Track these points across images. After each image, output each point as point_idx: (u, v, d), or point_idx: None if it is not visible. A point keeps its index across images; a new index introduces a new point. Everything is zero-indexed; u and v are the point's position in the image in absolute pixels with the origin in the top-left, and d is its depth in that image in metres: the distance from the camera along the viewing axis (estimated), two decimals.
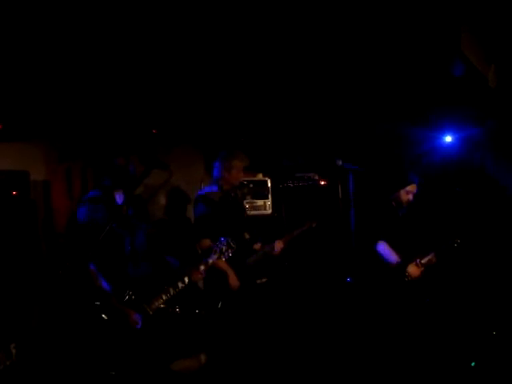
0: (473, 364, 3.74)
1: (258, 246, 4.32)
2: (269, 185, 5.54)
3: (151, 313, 3.07)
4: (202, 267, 3.31)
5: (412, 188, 4.33)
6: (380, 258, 4.24)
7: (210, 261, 3.34)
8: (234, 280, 3.85)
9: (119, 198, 3.34)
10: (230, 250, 3.38)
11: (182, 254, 3.79)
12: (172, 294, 3.15)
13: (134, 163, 3.40)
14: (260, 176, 5.66)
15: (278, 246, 4.33)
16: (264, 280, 4.33)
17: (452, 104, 5.01)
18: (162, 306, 3.19)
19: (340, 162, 3.80)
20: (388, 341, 4.09)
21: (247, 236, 4.14)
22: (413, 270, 4.15)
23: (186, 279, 3.21)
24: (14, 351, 3.55)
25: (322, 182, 5.79)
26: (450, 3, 3.46)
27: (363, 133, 5.78)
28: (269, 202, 5.50)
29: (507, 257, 4.54)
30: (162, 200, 5.31)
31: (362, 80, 4.69)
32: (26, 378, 3.42)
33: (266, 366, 3.98)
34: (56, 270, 4.28)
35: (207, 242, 3.78)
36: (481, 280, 4.60)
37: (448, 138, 5.53)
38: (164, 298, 3.12)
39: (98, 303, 2.99)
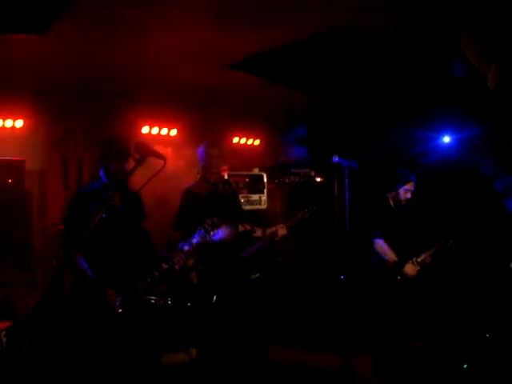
0: (465, 366, 3.73)
1: (259, 231, 4.23)
2: (265, 180, 5.50)
3: (137, 297, 3.02)
4: (186, 248, 3.25)
5: (410, 186, 4.34)
6: (376, 255, 4.24)
7: (194, 241, 3.28)
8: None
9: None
10: (215, 229, 3.32)
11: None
12: (157, 276, 3.08)
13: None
14: (256, 171, 5.62)
15: (281, 230, 4.23)
16: (257, 275, 4.30)
17: (450, 104, 5.00)
18: (151, 297, 3.16)
19: (336, 159, 3.77)
20: (382, 340, 4.10)
21: (242, 228, 4.09)
22: (410, 269, 4.14)
23: (169, 261, 3.15)
24: (4, 339, 3.56)
25: (318, 179, 5.77)
26: (450, 2, 3.44)
27: (361, 131, 5.77)
28: (264, 197, 5.47)
29: (501, 256, 4.53)
30: (158, 189, 5.24)
31: (362, 79, 4.68)
32: (17, 366, 3.44)
33: (256, 361, 3.98)
34: (49, 259, 4.29)
35: (178, 235, 3.67)
36: (475, 279, 4.60)
37: (446, 139, 5.53)
38: (149, 280, 3.05)
39: (80, 288, 2.98)
